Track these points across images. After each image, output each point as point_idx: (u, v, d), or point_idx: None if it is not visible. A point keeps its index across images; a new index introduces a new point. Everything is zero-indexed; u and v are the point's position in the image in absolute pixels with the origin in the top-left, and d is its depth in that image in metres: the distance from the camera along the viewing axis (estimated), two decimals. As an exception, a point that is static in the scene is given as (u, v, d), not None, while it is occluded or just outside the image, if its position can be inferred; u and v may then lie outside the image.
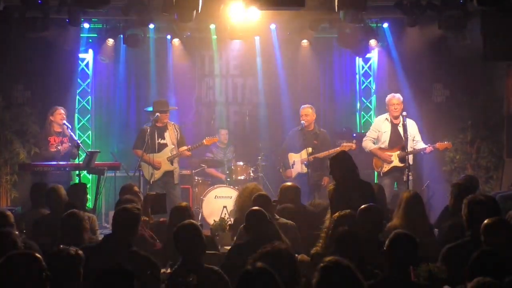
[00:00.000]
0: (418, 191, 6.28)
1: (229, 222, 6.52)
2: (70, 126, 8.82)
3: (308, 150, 8.60)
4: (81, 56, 10.27)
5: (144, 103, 10.01)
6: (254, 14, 8.52)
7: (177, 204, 6.12)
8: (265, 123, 10.76)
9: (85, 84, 10.46)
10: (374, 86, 10.89)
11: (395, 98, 8.61)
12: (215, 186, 9.41)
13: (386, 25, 9.93)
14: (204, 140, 9.12)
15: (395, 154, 8.48)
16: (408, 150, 8.21)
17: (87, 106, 10.50)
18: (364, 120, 10.91)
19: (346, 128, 10.43)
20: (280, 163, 9.35)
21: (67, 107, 9.22)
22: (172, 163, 8.92)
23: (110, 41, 9.70)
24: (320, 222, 5.94)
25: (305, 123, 8.78)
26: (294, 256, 3.96)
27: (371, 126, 9.03)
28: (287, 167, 9.13)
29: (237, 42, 10.48)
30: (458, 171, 9.42)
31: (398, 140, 8.45)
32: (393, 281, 3.81)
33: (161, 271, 4.43)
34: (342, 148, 8.39)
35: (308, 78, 10.79)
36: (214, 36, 10.32)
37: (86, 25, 9.58)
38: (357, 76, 10.97)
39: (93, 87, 10.52)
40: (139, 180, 8.62)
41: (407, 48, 9.77)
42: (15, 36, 8.50)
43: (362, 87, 10.96)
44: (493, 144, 9.39)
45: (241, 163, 9.73)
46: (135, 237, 4.66)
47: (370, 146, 8.73)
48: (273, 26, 9.98)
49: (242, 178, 9.46)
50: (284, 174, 9.15)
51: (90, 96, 10.51)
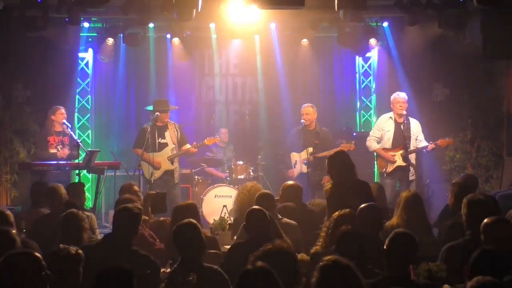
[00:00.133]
0: (420, 191, 6.27)
1: (229, 221, 6.51)
2: (70, 126, 8.81)
3: (309, 150, 8.57)
4: (81, 55, 10.26)
5: (144, 102, 9.98)
6: (254, 13, 8.52)
7: (179, 203, 6.10)
8: (265, 122, 10.76)
9: (85, 83, 10.46)
10: (374, 85, 10.88)
11: (400, 96, 8.58)
12: (215, 185, 9.41)
13: (386, 24, 9.92)
14: (205, 140, 9.11)
15: (398, 154, 8.46)
16: (410, 149, 8.20)
17: (87, 106, 10.49)
18: (364, 119, 10.91)
19: (346, 127, 10.43)
20: (282, 163, 9.34)
21: (67, 106, 9.22)
22: (172, 163, 8.91)
23: (110, 40, 9.70)
24: (320, 221, 5.95)
25: (305, 122, 8.76)
26: (295, 256, 3.95)
27: (375, 125, 9.02)
28: (289, 167, 9.11)
29: (237, 41, 10.50)
30: (458, 170, 9.40)
31: (401, 139, 8.44)
32: (392, 280, 3.80)
33: (161, 270, 4.43)
34: (341, 148, 8.38)
35: (308, 77, 10.79)
36: (214, 35, 10.30)
37: (86, 24, 9.58)
38: (357, 75, 10.97)
39: (93, 86, 10.51)
40: (139, 179, 8.62)
41: (407, 47, 9.75)
42: (15, 35, 8.49)
43: (362, 86, 10.95)
44: (493, 143, 9.37)
45: (241, 162, 9.73)
46: (135, 236, 4.65)
47: (374, 146, 8.69)
48: (273, 25, 9.97)
49: (242, 177, 9.46)
50: (286, 174, 9.13)
51: (90, 95, 10.50)
